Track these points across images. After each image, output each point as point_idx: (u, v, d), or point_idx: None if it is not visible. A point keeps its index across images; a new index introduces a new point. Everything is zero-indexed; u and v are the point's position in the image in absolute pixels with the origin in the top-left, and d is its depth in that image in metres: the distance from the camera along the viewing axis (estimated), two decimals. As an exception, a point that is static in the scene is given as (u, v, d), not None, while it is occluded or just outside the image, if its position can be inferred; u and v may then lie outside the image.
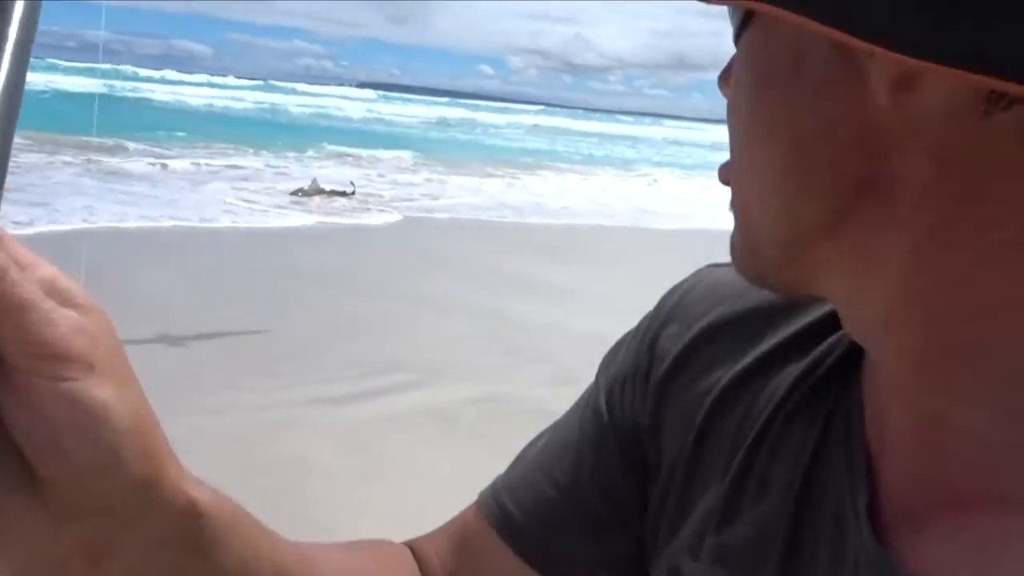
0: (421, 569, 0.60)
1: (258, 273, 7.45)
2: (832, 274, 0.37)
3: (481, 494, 0.61)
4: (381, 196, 13.05)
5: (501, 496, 0.59)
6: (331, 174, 14.53)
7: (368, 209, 11.48)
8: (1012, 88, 0.27)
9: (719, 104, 0.41)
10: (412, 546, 0.62)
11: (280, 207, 10.96)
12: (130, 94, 39.00)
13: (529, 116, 58.93)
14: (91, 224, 8.68)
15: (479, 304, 6.53)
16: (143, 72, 67.42)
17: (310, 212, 10.71)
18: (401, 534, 0.65)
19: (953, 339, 0.34)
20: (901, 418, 0.38)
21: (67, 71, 52.91)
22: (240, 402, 4.56)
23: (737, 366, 0.49)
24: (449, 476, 3.79)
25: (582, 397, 0.59)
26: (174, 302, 6.14)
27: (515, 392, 4.74)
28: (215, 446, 4.04)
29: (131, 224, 8.87)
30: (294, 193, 12.12)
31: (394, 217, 11.00)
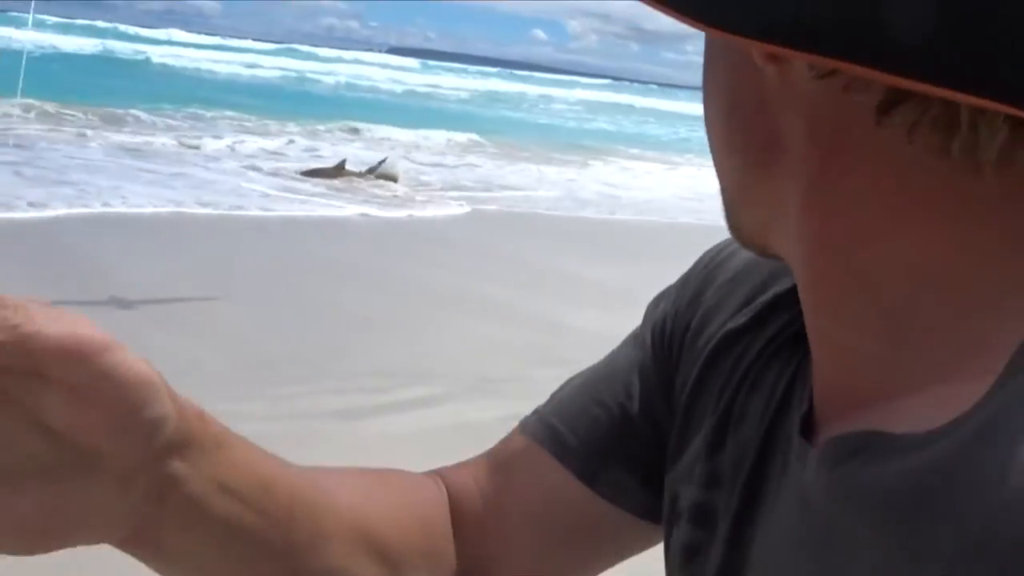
0: (451, 495, 0.72)
1: (276, 265, 7.63)
2: (772, 230, 0.51)
3: (521, 421, 0.74)
4: (428, 184, 13.26)
5: (547, 418, 0.72)
6: (364, 156, 14.70)
7: (416, 200, 11.70)
8: (817, 60, 0.40)
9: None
10: (441, 473, 0.75)
11: (321, 195, 11.24)
12: (133, 57, 39.69)
13: (592, 91, 58.79)
14: (111, 209, 8.95)
15: (530, 309, 6.62)
16: (145, 32, 68.29)
17: (366, 202, 10.96)
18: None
19: (834, 271, 0.48)
20: (813, 341, 0.53)
21: (58, 28, 53.70)
22: (241, 412, 4.45)
23: (740, 316, 0.65)
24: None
25: (628, 336, 0.75)
26: (191, 297, 6.32)
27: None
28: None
29: (152, 209, 9.12)
30: (307, 173, 12.38)
31: (449, 210, 11.13)
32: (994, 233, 0.44)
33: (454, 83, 49.00)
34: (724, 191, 0.54)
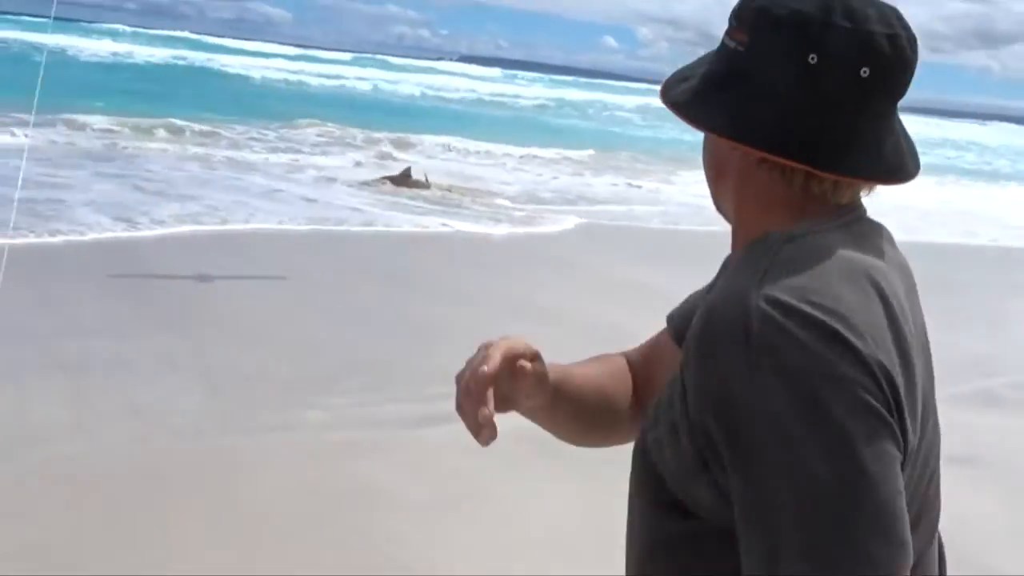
0: (630, 361, 1.38)
1: (350, 276, 7.80)
2: (725, 205, 1.14)
3: (667, 316, 1.35)
4: (512, 196, 13.43)
5: (674, 316, 1.32)
6: (448, 167, 15.15)
7: (503, 213, 11.93)
8: (737, 144, 1.04)
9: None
10: (625, 351, 1.41)
11: (418, 212, 11.44)
12: (206, 64, 40.53)
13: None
14: (225, 226, 9.27)
15: (596, 318, 6.68)
16: (215, 40, 69.40)
17: (454, 217, 11.21)
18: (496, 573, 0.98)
19: (739, 227, 1.11)
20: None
21: (132, 37, 54.50)
22: (306, 420, 4.77)
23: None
24: (549, 513, 4.05)
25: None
26: (274, 314, 6.47)
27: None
28: (278, 468, 4.22)
29: (255, 226, 9.44)
30: (370, 183, 12.76)
31: (555, 226, 11.25)
32: (796, 214, 1.04)
33: (534, 92, 49.72)
34: (710, 191, 1.15)
